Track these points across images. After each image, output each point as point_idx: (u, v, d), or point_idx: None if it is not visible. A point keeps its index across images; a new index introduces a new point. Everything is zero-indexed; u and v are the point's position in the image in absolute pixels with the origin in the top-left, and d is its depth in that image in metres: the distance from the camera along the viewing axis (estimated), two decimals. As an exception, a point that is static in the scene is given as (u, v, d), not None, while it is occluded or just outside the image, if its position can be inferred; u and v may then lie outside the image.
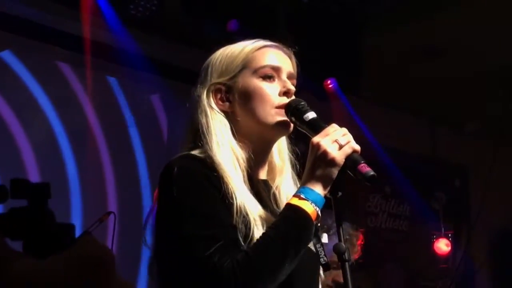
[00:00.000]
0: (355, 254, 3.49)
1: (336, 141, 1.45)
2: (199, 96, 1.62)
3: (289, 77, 1.63)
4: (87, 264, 1.61)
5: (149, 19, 4.46)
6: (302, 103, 1.56)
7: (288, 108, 1.56)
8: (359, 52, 5.05)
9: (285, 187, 1.64)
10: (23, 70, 4.50)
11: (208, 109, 1.59)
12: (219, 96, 1.61)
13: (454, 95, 5.80)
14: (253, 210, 1.45)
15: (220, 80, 1.61)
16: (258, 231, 1.42)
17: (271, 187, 1.64)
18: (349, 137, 1.47)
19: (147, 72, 4.77)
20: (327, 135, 1.46)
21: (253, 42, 1.64)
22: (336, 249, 1.41)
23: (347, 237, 1.28)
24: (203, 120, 1.58)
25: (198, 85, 1.65)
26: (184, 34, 4.63)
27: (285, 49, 1.66)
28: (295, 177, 1.67)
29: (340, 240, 1.42)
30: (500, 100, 5.68)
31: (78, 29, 4.29)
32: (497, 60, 5.30)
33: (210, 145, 1.54)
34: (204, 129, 1.57)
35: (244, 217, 1.43)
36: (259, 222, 1.44)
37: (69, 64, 4.63)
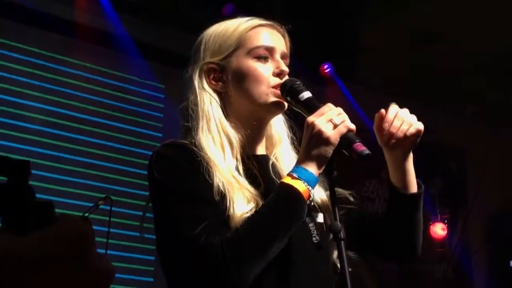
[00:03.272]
0: None
1: (331, 120, 1.43)
2: (191, 77, 1.60)
3: (282, 56, 1.61)
4: (65, 240, 1.62)
5: (143, 5, 4.44)
6: (298, 82, 1.55)
7: (283, 88, 1.55)
8: (356, 37, 5.03)
9: (285, 158, 1.63)
10: (14, 56, 4.47)
11: (198, 90, 1.58)
12: (212, 76, 1.59)
13: (451, 79, 5.80)
14: (234, 189, 1.44)
15: (213, 59, 1.59)
16: (234, 210, 1.40)
17: (270, 159, 1.62)
18: (344, 116, 1.45)
19: (142, 58, 4.75)
20: (322, 114, 1.45)
21: (247, 20, 1.62)
22: (332, 228, 1.40)
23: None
24: (193, 102, 1.57)
25: (191, 65, 1.62)
26: (179, 19, 4.61)
27: (278, 27, 1.64)
28: (293, 149, 1.66)
29: (335, 219, 1.41)
30: (497, 85, 5.67)
31: (70, 14, 4.27)
32: (496, 46, 5.29)
33: (197, 127, 1.53)
34: (193, 111, 1.55)
35: (222, 197, 1.42)
36: (239, 201, 1.42)
37: (62, 49, 4.60)
